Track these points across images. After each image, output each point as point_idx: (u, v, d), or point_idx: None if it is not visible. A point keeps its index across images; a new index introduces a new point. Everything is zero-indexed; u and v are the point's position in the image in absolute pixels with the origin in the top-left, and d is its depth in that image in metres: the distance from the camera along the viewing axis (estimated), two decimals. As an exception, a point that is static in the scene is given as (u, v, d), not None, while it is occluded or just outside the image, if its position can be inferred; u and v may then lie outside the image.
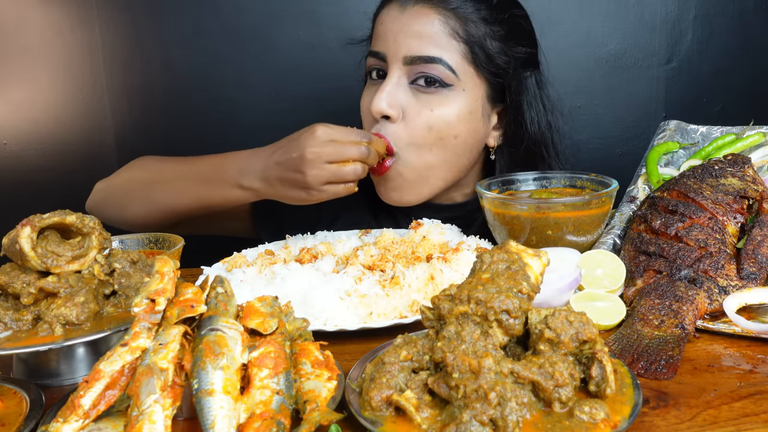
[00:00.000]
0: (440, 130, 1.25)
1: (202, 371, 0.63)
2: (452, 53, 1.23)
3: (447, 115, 1.25)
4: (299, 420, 0.65)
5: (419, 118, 1.24)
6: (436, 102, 1.24)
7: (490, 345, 0.68)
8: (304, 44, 1.95)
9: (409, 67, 1.24)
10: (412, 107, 1.24)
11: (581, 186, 1.23)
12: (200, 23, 1.91)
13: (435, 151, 1.26)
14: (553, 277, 0.94)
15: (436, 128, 1.24)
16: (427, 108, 1.24)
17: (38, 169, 1.95)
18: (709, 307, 0.92)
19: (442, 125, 1.25)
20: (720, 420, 0.69)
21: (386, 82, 1.25)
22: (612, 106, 2.13)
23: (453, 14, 1.23)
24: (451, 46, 1.23)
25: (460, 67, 1.24)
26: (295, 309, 0.87)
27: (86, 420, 0.63)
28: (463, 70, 1.25)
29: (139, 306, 0.71)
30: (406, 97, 1.25)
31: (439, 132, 1.25)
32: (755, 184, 1.08)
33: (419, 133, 1.24)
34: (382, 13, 1.30)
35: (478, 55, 1.25)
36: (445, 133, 1.25)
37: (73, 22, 1.88)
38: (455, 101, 1.25)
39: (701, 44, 2.12)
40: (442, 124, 1.25)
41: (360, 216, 1.47)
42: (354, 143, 1.13)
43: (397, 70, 1.25)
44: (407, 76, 1.25)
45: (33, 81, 1.91)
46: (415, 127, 1.24)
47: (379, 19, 1.30)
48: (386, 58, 1.26)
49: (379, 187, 1.33)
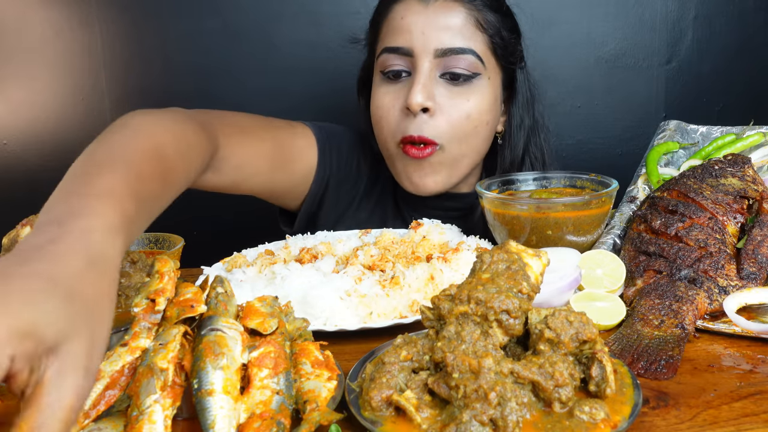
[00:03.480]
0: (476, 118, 1.29)
1: (202, 371, 0.63)
2: (479, 43, 1.28)
3: (481, 103, 1.30)
4: (299, 420, 0.65)
5: (457, 109, 1.28)
6: (469, 92, 1.28)
7: (490, 345, 0.68)
8: (304, 44, 1.94)
9: (440, 59, 1.26)
10: (447, 99, 1.28)
11: (581, 186, 1.23)
12: (200, 24, 1.91)
13: (470, 139, 1.32)
14: (553, 277, 0.94)
15: (473, 117, 1.29)
16: (463, 98, 1.28)
17: (38, 169, 1.95)
18: (709, 307, 0.92)
19: (477, 114, 1.29)
20: (720, 420, 0.69)
21: (418, 75, 1.26)
22: (612, 106, 2.13)
23: (473, 6, 1.27)
24: (476, 37, 1.27)
25: (485, 56, 1.29)
26: (295, 309, 0.88)
27: (86, 420, 0.63)
28: (488, 59, 1.29)
29: (139, 306, 0.71)
30: (439, 90, 1.28)
31: (475, 120, 1.30)
32: (755, 184, 1.08)
33: (459, 123, 1.28)
34: (398, 7, 1.29)
35: (497, 44, 1.30)
36: (480, 120, 1.30)
37: (73, 22, 1.88)
38: (485, 89, 1.30)
39: (701, 44, 2.12)
40: (478, 112, 1.29)
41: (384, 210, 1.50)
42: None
43: (427, 63, 1.26)
44: (438, 69, 1.27)
45: (33, 81, 1.91)
46: (455, 118, 1.28)
47: (396, 13, 1.29)
48: (413, 53, 1.26)
49: (413, 174, 1.33)
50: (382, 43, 1.32)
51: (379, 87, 1.33)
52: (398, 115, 1.29)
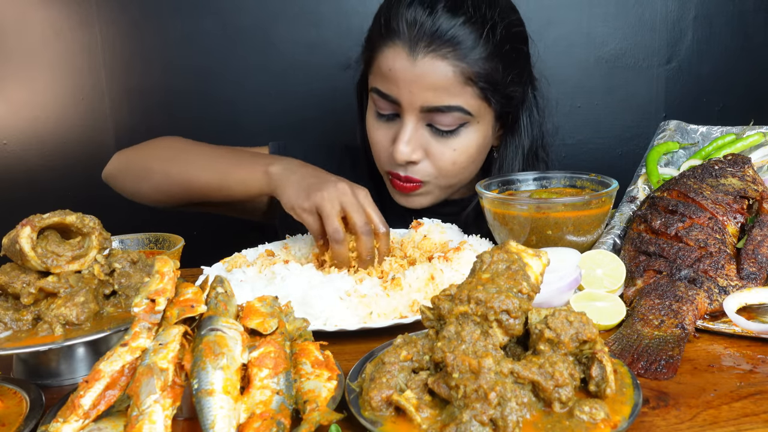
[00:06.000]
0: (463, 161, 1.32)
1: (202, 371, 0.63)
2: (467, 97, 1.25)
3: (467, 149, 1.31)
4: (299, 420, 0.65)
5: (443, 158, 1.30)
6: (455, 141, 1.29)
7: (490, 345, 0.68)
8: (304, 44, 1.94)
9: (426, 114, 1.26)
10: (434, 147, 1.29)
11: (581, 186, 1.23)
12: (200, 24, 1.91)
13: (458, 176, 1.35)
14: (553, 277, 0.94)
15: (459, 162, 1.31)
16: (449, 148, 1.29)
17: (38, 169, 1.95)
18: (709, 307, 0.92)
19: (465, 158, 1.31)
20: (720, 420, 0.69)
21: (404, 129, 1.27)
22: (612, 106, 2.13)
23: (463, 60, 1.22)
24: (465, 92, 1.24)
25: (474, 107, 1.27)
26: (295, 309, 0.87)
27: (86, 420, 0.63)
28: (477, 108, 1.27)
29: (139, 306, 0.71)
30: (426, 139, 1.29)
31: (462, 164, 1.32)
32: (755, 184, 1.08)
33: (445, 168, 1.31)
34: (387, 53, 1.25)
35: (488, 92, 1.27)
36: (467, 163, 1.33)
37: (73, 22, 1.88)
38: (473, 135, 1.30)
39: (701, 44, 2.12)
40: (464, 157, 1.31)
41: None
42: (366, 226, 1.10)
43: (413, 117, 1.26)
44: (423, 120, 1.27)
45: (33, 81, 1.91)
46: (441, 165, 1.31)
47: (384, 59, 1.25)
48: (400, 104, 1.26)
49: (399, 198, 1.38)
50: (373, 78, 1.31)
51: (372, 119, 1.35)
52: (387, 153, 1.32)
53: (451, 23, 1.21)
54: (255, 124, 1.97)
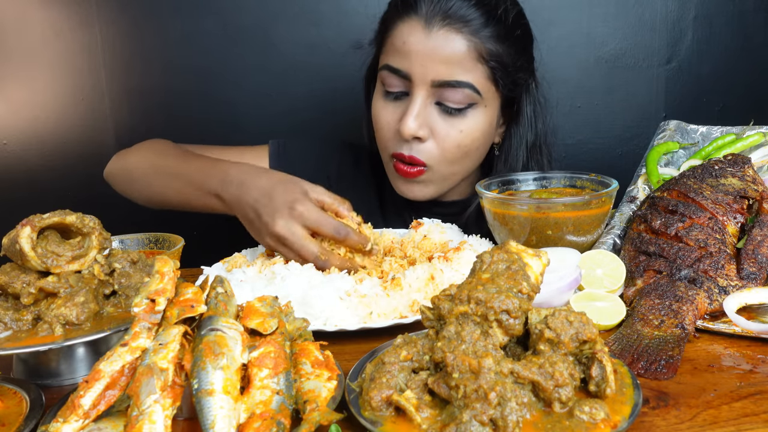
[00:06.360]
0: (468, 145, 1.32)
1: (202, 371, 0.63)
2: (478, 75, 1.27)
3: (473, 131, 1.31)
4: (299, 420, 0.65)
5: (449, 138, 1.30)
6: (462, 121, 1.29)
7: (490, 345, 0.68)
8: (304, 44, 1.94)
9: (437, 89, 1.26)
10: (440, 127, 1.29)
11: (581, 186, 1.23)
12: (200, 24, 1.91)
13: (461, 162, 1.35)
14: (553, 277, 0.94)
15: (464, 144, 1.31)
16: (455, 129, 1.29)
17: (38, 169, 1.95)
18: (709, 307, 0.92)
19: (469, 141, 1.32)
20: (720, 420, 0.69)
21: (413, 103, 1.27)
22: (612, 106, 2.13)
23: (476, 36, 1.25)
24: (476, 69, 1.26)
25: (484, 87, 1.28)
26: (295, 309, 0.87)
27: (86, 420, 0.63)
28: (486, 89, 1.29)
29: (139, 306, 0.71)
30: (433, 117, 1.29)
31: (467, 147, 1.32)
32: (755, 184, 1.08)
33: (450, 150, 1.31)
34: (403, 28, 1.27)
35: (498, 74, 1.29)
36: (472, 147, 1.33)
37: (73, 22, 1.88)
38: (479, 118, 1.31)
39: (701, 44, 2.12)
40: (470, 140, 1.32)
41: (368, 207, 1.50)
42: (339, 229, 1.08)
43: (423, 92, 1.27)
44: (433, 97, 1.28)
45: (33, 81, 1.91)
46: (446, 146, 1.31)
47: (399, 33, 1.28)
48: (411, 78, 1.27)
49: (401, 185, 1.38)
50: (385, 56, 1.32)
51: (379, 99, 1.35)
52: (393, 132, 1.32)
53: (466, 1, 1.25)
54: (255, 124, 1.97)
